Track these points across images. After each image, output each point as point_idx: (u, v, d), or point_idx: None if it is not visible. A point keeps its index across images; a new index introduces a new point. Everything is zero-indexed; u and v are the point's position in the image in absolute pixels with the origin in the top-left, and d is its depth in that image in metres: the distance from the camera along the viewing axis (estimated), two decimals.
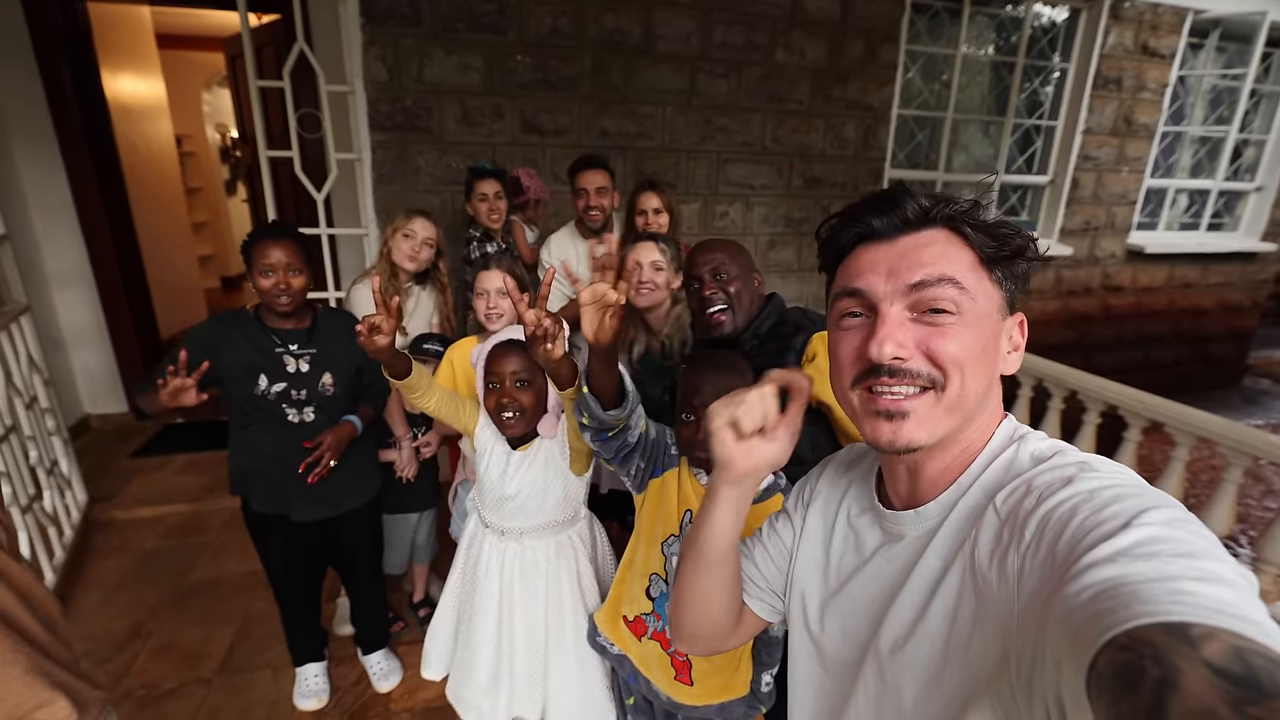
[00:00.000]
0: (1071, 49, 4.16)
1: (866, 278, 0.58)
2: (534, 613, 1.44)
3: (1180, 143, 4.83)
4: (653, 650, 1.31)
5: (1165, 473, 2.39)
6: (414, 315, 2.10)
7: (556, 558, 1.45)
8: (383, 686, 1.98)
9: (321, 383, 1.66)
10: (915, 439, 0.56)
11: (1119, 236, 4.66)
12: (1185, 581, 0.37)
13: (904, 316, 0.56)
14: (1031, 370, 2.88)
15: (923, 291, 0.55)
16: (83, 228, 3.35)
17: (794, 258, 3.72)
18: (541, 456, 1.41)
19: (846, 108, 3.54)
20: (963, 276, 0.55)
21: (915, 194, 0.58)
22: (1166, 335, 5.06)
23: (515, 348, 1.34)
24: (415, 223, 1.99)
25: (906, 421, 0.56)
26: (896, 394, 0.56)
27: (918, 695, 0.55)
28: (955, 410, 0.56)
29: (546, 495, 1.42)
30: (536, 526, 1.43)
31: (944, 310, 0.55)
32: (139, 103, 4.55)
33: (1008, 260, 0.57)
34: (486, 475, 1.42)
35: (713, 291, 1.37)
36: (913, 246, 0.57)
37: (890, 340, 0.55)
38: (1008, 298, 0.58)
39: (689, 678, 1.28)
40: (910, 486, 0.62)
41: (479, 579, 1.46)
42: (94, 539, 2.69)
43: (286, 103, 2.45)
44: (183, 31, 5.52)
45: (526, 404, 1.33)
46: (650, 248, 1.77)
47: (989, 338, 0.56)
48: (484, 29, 2.85)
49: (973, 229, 0.57)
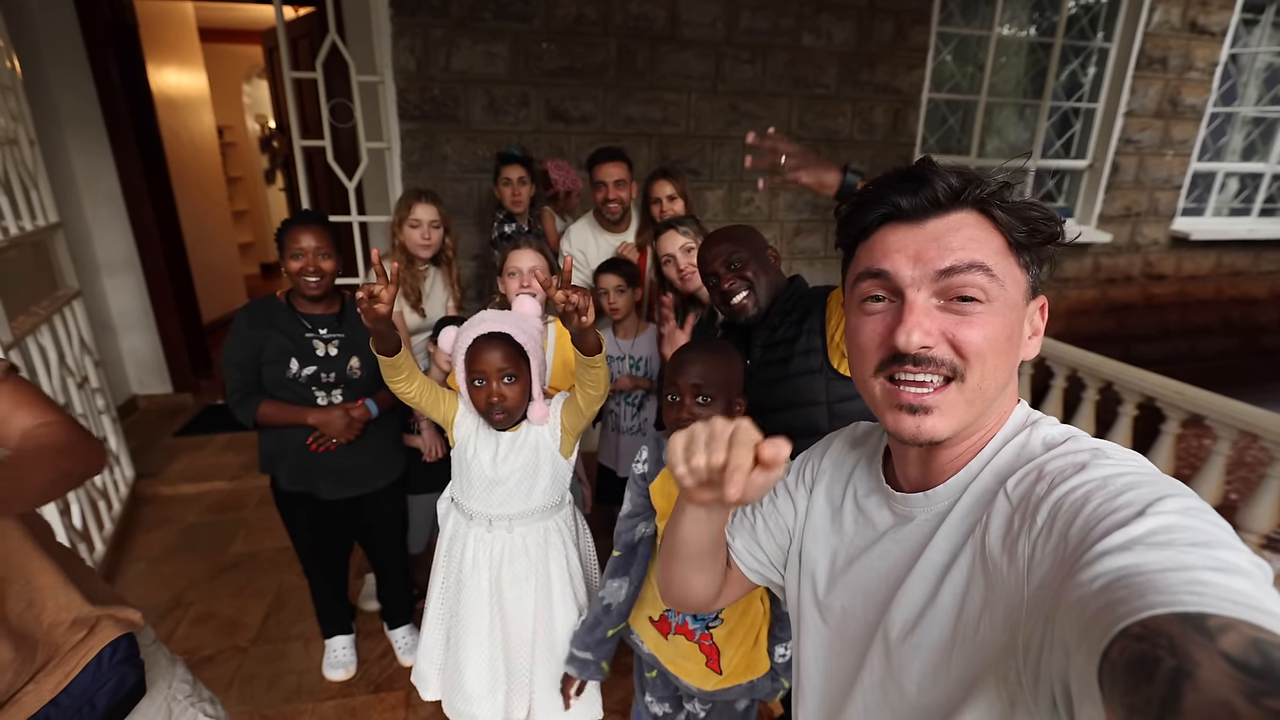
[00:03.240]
0: (1114, 28, 3.99)
1: (893, 259, 0.56)
2: (523, 602, 1.40)
3: (1231, 124, 4.61)
4: (680, 645, 1.29)
5: (1205, 467, 2.31)
6: (431, 297, 2.13)
7: (545, 544, 1.41)
8: (407, 660, 2.04)
9: (349, 366, 1.72)
10: (938, 433, 0.55)
11: (1162, 223, 4.48)
12: (1201, 571, 0.36)
13: (931, 304, 0.54)
14: (1065, 360, 2.81)
15: (952, 278, 0.53)
16: (130, 216, 3.49)
17: (820, 244, 3.67)
18: (532, 438, 1.38)
19: (875, 92, 3.47)
20: (994, 263, 0.53)
21: (944, 172, 0.55)
22: (1213, 326, 4.86)
23: (498, 341, 1.28)
24: (417, 210, 1.99)
25: (930, 416, 0.55)
26: (921, 387, 0.55)
27: (924, 678, 0.55)
28: (976, 400, 0.55)
29: (537, 478, 1.38)
30: (526, 512, 1.39)
31: (973, 299, 0.53)
32: (183, 95, 4.71)
33: (1038, 246, 0.55)
34: (475, 462, 1.37)
35: (731, 283, 1.35)
36: (942, 230, 0.54)
37: (919, 329, 0.53)
38: (1032, 282, 0.57)
39: (719, 665, 1.27)
40: (921, 470, 0.61)
41: (465, 578, 1.41)
42: (140, 513, 2.83)
43: (319, 93, 2.51)
44: (224, 25, 5.68)
45: (515, 399, 1.30)
46: (674, 236, 1.78)
47: (1014, 325, 0.55)
48: (510, 18, 2.88)
49: (1004, 212, 0.54)
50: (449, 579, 1.45)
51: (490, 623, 1.40)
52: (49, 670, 0.87)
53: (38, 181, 2.45)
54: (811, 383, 1.27)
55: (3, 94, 2.29)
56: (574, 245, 2.36)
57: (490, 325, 1.29)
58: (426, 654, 1.49)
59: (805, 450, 0.80)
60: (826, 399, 1.27)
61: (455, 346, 1.32)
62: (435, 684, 1.50)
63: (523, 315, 1.38)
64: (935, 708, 0.54)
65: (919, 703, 0.56)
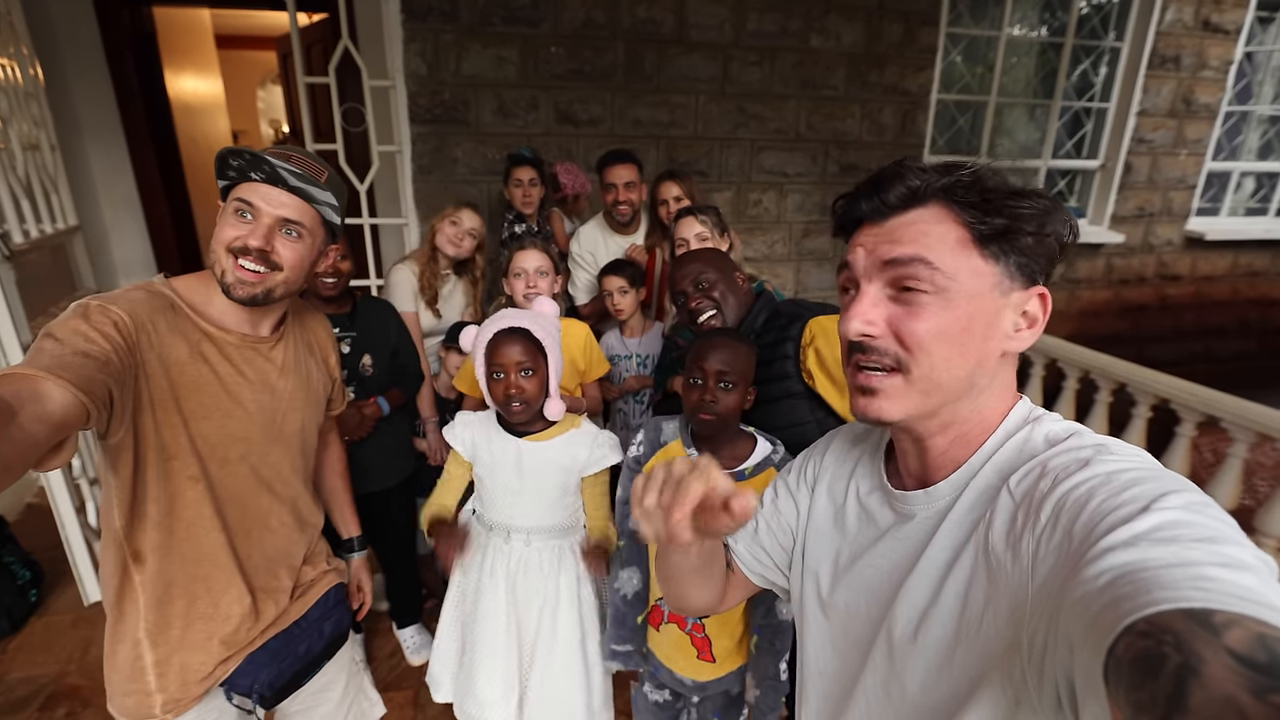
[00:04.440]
0: (1125, 27, 3.97)
1: (855, 252, 0.60)
2: (528, 615, 1.42)
3: (1247, 123, 4.55)
4: (671, 635, 1.31)
5: (1222, 469, 2.28)
6: (448, 301, 2.17)
7: (558, 562, 1.43)
8: (415, 660, 2.05)
9: (361, 364, 1.74)
10: (885, 413, 0.57)
11: (1176, 223, 4.43)
12: (1206, 567, 0.36)
13: (881, 295, 0.57)
14: (1078, 362, 2.78)
15: (896, 270, 0.56)
16: (146, 219, 3.54)
17: (829, 245, 3.67)
18: (564, 460, 1.39)
19: (884, 93, 3.47)
20: (938, 256, 0.54)
21: (908, 173, 0.56)
22: (1229, 327, 4.79)
23: (518, 336, 1.32)
24: (463, 213, 2.08)
25: (876, 398, 0.57)
26: (870, 370, 0.58)
27: (927, 677, 0.55)
28: (928, 390, 0.56)
29: (553, 487, 1.39)
30: (544, 528, 1.41)
31: (917, 289, 0.55)
32: (199, 100, 4.78)
33: (1000, 237, 0.54)
34: (501, 470, 1.39)
35: (698, 302, 1.41)
36: (896, 226, 0.57)
37: (860, 317, 0.56)
38: (1011, 272, 0.55)
39: (710, 655, 1.28)
40: (919, 464, 0.61)
41: (483, 588, 1.43)
42: None
43: (332, 97, 2.54)
44: (239, 32, 5.76)
45: (532, 392, 1.33)
46: (691, 222, 1.79)
47: (973, 317, 0.54)
48: (519, 22, 2.90)
49: (966, 205, 0.54)
50: (467, 585, 1.48)
51: (506, 631, 1.42)
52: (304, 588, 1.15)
53: (58, 185, 2.50)
54: (794, 405, 1.31)
55: (26, 101, 2.35)
56: (583, 247, 2.37)
57: (510, 321, 1.34)
58: (440, 657, 1.52)
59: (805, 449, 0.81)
60: (814, 417, 1.30)
61: (476, 342, 1.37)
62: (448, 686, 1.51)
63: (542, 314, 1.41)
64: (939, 706, 0.54)
65: (923, 702, 0.55)
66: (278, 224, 0.94)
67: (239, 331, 1.01)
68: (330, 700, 1.23)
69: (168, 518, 0.95)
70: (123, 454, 0.90)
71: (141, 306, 0.90)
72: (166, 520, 0.95)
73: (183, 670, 0.99)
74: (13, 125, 2.21)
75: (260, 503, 1.06)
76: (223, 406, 0.98)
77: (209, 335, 0.97)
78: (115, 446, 0.89)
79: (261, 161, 0.91)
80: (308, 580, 1.17)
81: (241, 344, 1.01)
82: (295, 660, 1.11)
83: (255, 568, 1.06)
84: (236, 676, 1.04)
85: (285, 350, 1.08)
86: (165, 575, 0.97)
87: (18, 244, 2.10)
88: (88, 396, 0.75)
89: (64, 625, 2.15)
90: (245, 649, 1.06)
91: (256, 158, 0.91)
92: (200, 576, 0.99)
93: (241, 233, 0.92)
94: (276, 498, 1.08)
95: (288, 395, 1.08)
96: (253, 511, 1.05)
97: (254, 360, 1.02)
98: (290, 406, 1.08)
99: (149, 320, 0.90)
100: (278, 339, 1.07)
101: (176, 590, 0.98)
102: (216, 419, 0.97)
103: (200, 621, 1.00)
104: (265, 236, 0.93)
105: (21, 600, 2.17)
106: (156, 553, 0.96)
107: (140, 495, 0.93)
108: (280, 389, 1.06)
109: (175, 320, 0.94)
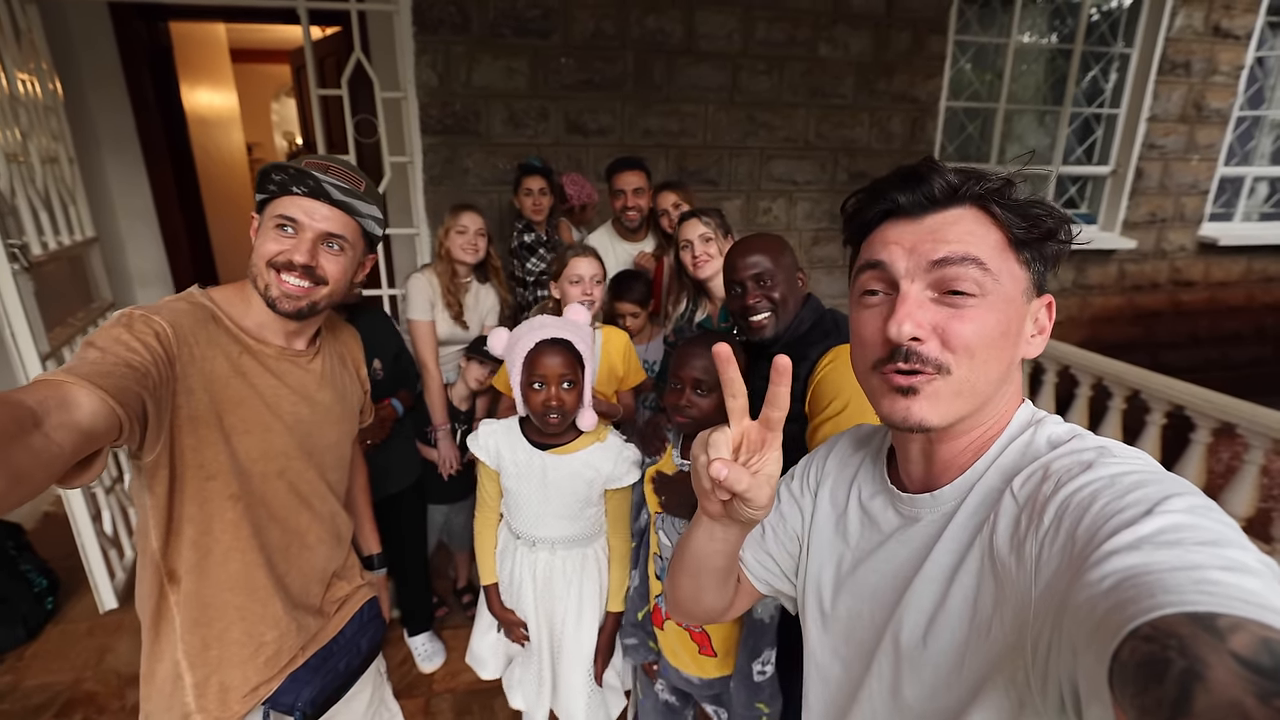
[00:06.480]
0: (1134, 34, 3.96)
1: (890, 250, 0.57)
2: (551, 620, 1.45)
3: (1259, 128, 4.52)
4: (673, 631, 1.32)
5: (1238, 476, 2.25)
6: (474, 310, 2.16)
7: (581, 570, 1.44)
8: (426, 668, 2.06)
9: (372, 368, 1.76)
10: (926, 418, 0.54)
11: (1189, 228, 4.40)
12: (1210, 570, 0.36)
13: (924, 296, 0.55)
14: (1091, 368, 2.76)
15: (945, 270, 0.54)
16: (162, 230, 3.59)
17: (838, 253, 3.66)
18: (577, 464, 1.39)
19: (892, 101, 3.47)
20: (988, 257, 0.53)
21: (944, 170, 0.56)
22: (1245, 333, 4.74)
23: (560, 347, 1.30)
24: (464, 217, 2.07)
25: (918, 399, 0.55)
26: (910, 373, 0.55)
27: (937, 681, 0.54)
28: (966, 394, 0.55)
29: (575, 500, 1.40)
30: (567, 538, 1.42)
31: (965, 292, 0.53)
32: (214, 114, 4.85)
33: (1038, 242, 0.55)
34: (525, 482, 1.39)
35: (756, 300, 1.29)
36: (939, 224, 0.55)
37: (910, 320, 0.54)
38: (1035, 280, 0.56)
39: (711, 649, 1.29)
40: (924, 469, 0.61)
41: (515, 593, 1.47)
42: None
43: (345, 109, 2.58)
44: (254, 46, 5.84)
45: (571, 404, 1.32)
46: (695, 223, 1.80)
47: (1010, 321, 0.54)
48: (529, 33, 2.93)
49: (1002, 208, 0.55)
50: (507, 586, 1.50)
51: (537, 632, 1.46)
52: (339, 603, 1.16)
53: (76, 197, 2.54)
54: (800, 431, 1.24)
55: (45, 114, 2.39)
56: None
57: (552, 331, 1.32)
58: (483, 637, 1.56)
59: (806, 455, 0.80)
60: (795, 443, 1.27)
61: (513, 349, 1.34)
62: (493, 665, 1.57)
63: (578, 324, 1.40)
64: (945, 710, 0.53)
65: (929, 706, 0.55)
66: (320, 238, 0.94)
67: (277, 344, 1.00)
68: (355, 712, 1.23)
69: (205, 537, 0.94)
70: (158, 472, 0.88)
71: (185, 318, 0.90)
72: (203, 540, 0.94)
73: (222, 690, 0.98)
74: (32, 139, 2.24)
75: (299, 520, 1.05)
76: (263, 421, 0.97)
77: (248, 348, 0.97)
78: (150, 465, 0.88)
79: (305, 176, 0.91)
80: (343, 595, 1.17)
81: (280, 356, 1.00)
82: (336, 676, 1.12)
83: (294, 585, 1.05)
84: (279, 695, 1.03)
85: (322, 362, 1.08)
86: (202, 596, 0.95)
87: (36, 255, 2.13)
88: (121, 407, 0.72)
89: (80, 633, 2.16)
90: (287, 668, 1.04)
91: (300, 173, 0.91)
92: (238, 597, 0.98)
93: (285, 248, 0.92)
94: (314, 514, 1.08)
95: (325, 408, 1.07)
96: (292, 529, 1.04)
97: (293, 372, 1.02)
98: (328, 419, 1.08)
99: (191, 333, 0.89)
100: (315, 351, 1.07)
101: (214, 612, 0.97)
102: (257, 434, 0.96)
103: (238, 644, 0.99)
104: (309, 252, 0.93)
105: (38, 608, 2.18)
106: (193, 573, 0.94)
107: (176, 515, 0.92)
108: (319, 401, 1.06)
109: (215, 333, 0.94)
